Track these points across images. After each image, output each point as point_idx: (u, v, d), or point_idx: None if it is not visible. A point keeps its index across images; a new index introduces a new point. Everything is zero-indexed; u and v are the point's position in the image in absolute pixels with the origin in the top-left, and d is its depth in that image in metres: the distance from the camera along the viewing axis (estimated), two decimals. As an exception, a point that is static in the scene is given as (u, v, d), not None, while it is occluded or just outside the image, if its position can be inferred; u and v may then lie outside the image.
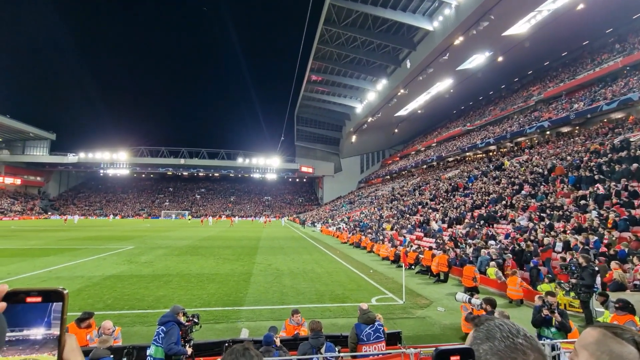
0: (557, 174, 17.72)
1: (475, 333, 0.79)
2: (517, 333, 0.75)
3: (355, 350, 4.47)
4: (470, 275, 10.09)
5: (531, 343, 0.73)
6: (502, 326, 0.76)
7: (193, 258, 15.94)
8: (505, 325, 0.77)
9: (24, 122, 62.29)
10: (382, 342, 4.51)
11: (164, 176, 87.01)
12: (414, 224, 22.59)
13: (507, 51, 33.42)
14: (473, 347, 0.75)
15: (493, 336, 0.75)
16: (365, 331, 4.48)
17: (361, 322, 4.60)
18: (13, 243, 20.85)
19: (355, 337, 4.51)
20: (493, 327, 0.77)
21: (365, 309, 4.86)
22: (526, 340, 0.73)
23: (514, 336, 0.74)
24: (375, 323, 4.60)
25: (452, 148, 43.02)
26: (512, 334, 0.75)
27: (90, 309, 7.29)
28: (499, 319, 0.81)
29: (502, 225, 15.83)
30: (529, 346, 0.72)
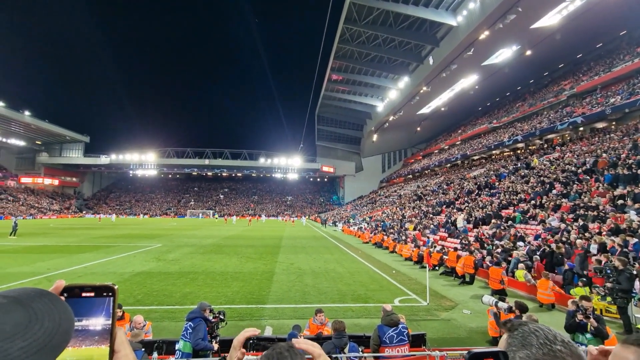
0: (600, 167, 16.83)
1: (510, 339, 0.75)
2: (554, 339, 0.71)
3: (377, 352, 4.43)
4: (497, 277, 9.76)
5: (570, 349, 0.69)
6: (538, 332, 0.73)
7: (217, 256, 16.34)
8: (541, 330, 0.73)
9: (61, 126, 66.14)
10: (406, 345, 4.43)
11: (190, 176, 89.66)
12: (438, 224, 22.13)
13: (536, 44, 32.05)
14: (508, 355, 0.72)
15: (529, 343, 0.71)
16: (388, 333, 4.43)
17: (384, 324, 4.54)
18: (52, 240, 22.13)
19: (377, 339, 4.46)
20: (528, 332, 0.73)
21: (389, 310, 4.79)
22: (565, 346, 0.69)
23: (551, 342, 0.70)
24: (399, 326, 4.52)
25: (477, 146, 41.74)
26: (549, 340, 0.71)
27: (123, 304, 7.63)
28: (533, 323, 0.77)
29: (532, 226, 15.21)
30: (569, 352, 0.68)
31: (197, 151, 77.71)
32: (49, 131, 64.58)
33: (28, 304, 0.46)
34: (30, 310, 0.45)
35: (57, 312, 0.48)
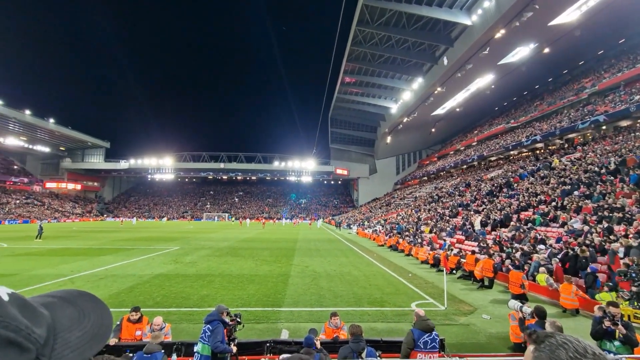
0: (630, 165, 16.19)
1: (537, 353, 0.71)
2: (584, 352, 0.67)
3: (408, 356, 4.36)
4: (517, 281, 9.49)
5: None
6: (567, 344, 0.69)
7: (233, 259, 16.52)
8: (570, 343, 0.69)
9: (83, 132, 68.59)
10: (436, 353, 4.34)
11: (205, 180, 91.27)
12: (454, 227, 21.74)
13: (554, 42, 31.20)
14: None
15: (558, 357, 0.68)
16: (423, 338, 4.35)
17: (418, 328, 4.46)
18: (75, 243, 22.88)
19: (412, 342, 4.36)
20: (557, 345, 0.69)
21: (422, 315, 4.69)
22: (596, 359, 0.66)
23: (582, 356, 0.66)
24: (434, 332, 4.45)
25: (494, 147, 40.86)
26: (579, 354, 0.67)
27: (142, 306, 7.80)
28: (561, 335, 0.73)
29: (553, 228, 14.75)
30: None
31: (213, 155, 79.10)
32: (72, 137, 67.11)
33: (75, 302, 0.54)
34: (78, 307, 0.53)
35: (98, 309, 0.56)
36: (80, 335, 0.50)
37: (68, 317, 0.51)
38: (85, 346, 0.49)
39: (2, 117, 52.92)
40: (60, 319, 0.50)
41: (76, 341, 0.49)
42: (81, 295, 0.57)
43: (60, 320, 0.49)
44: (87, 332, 0.51)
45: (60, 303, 0.52)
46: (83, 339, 0.50)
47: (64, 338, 0.48)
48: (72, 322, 0.51)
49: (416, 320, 4.67)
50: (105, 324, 0.55)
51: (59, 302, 0.53)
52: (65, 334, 0.48)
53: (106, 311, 0.57)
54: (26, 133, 61.28)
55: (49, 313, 0.49)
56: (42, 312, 0.48)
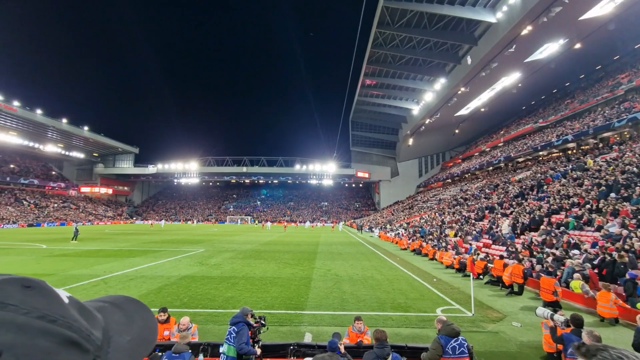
0: None
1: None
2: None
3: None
4: (549, 288, 9.06)
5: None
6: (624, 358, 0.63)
7: (256, 262, 16.75)
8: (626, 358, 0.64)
9: (114, 139, 72.04)
10: (466, 358, 4.22)
11: (229, 184, 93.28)
12: (481, 231, 21.06)
13: (586, 37, 29.77)
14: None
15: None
16: (450, 344, 4.24)
17: (444, 334, 4.36)
18: (107, 245, 23.95)
19: (440, 348, 4.23)
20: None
21: (444, 320, 4.60)
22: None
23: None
24: (460, 337, 4.33)
25: (522, 147, 39.33)
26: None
27: (170, 306, 8.06)
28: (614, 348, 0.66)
29: (588, 232, 13.99)
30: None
31: (236, 159, 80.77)
32: (104, 144, 70.68)
33: (123, 307, 0.56)
34: (126, 312, 0.56)
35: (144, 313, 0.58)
36: (130, 339, 0.52)
37: (118, 322, 0.53)
38: (135, 350, 0.52)
39: (42, 126, 56.49)
40: (112, 323, 0.51)
41: (127, 345, 0.51)
42: (128, 301, 0.59)
43: (112, 324, 0.51)
44: (136, 336, 0.53)
45: (110, 308, 0.54)
46: (133, 342, 0.52)
47: (116, 341, 0.49)
48: (122, 326, 0.53)
49: (441, 326, 4.55)
50: (151, 327, 0.57)
51: (109, 307, 0.55)
52: (117, 337, 0.50)
53: (151, 315, 0.60)
54: (63, 140, 65.11)
55: (102, 317, 0.51)
56: (96, 315, 0.50)
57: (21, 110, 51.43)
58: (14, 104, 50.14)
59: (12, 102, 50.08)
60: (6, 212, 51.80)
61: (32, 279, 0.45)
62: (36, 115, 53.96)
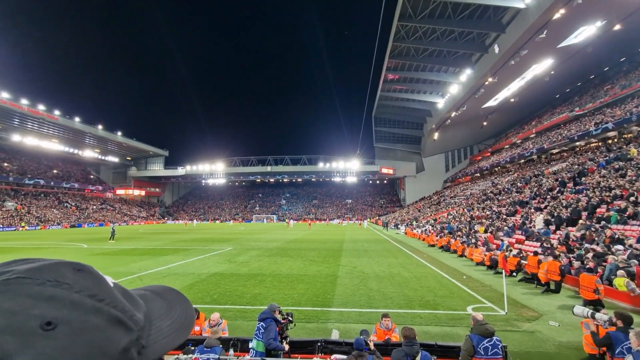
0: None
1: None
2: None
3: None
4: (590, 285, 8.55)
5: None
6: None
7: (283, 259, 16.96)
8: None
9: (145, 143, 75.31)
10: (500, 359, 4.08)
11: (254, 183, 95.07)
12: (513, 226, 20.20)
13: (627, 16, 27.66)
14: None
15: None
16: (482, 344, 4.10)
17: (476, 334, 4.23)
18: (141, 244, 25.10)
19: (472, 349, 4.11)
20: None
21: (480, 319, 4.44)
22: None
23: None
24: (494, 337, 4.17)
25: (556, 138, 37.34)
26: None
27: (201, 303, 8.32)
28: None
29: (633, 226, 13.06)
30: None
31: (260, 159, 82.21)
32: (137, 148, 74.11)
33: (163, 295, 0.61)
34: (166, 299, 0.60)
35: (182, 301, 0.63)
36: (170, 324, 0.56)
37: (159, 307, 0.57)
38: (174, 334, 0.55)
39: (80, 133, 60.04)
40: (153, 308, 0.56)
41: (167, 329, 0.55)
42: (168, 290, 0.64)
43: (153, 309, 0.56)
44: (175, 321, 0.57)
45: (151, 295, 0.59)
46: (172, 327, 0.56)
47: (157, 325, 0.54)
48: (163, 312, 0.57)
49: (474, 324, 4.41)
50: (190, 314, 0.61)
51: (150, 294, 0.59)
52: (158, 321, 0.55)
53: (189, 304, 0.64)
54: (99, 146, 68.90)
55: (143, 303, 0.56)
56: (139, 300, 0.55)
57: (62, 118, 54.87)
58: (55, 113, 53.55)
59: (54, 112, 53.50)
60: (51, 214, 55.51)
61: (82, 264, 0.49)
62: (75, 122, 57.39)
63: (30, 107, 49.81)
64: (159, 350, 0.52)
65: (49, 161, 67.85)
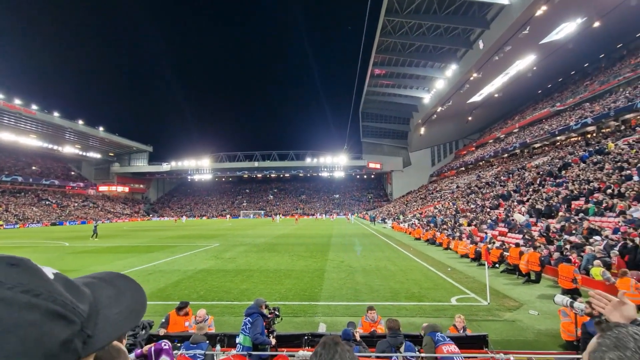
0: None
1: (602, 339, 0.70)
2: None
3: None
4: (568, 275, 8.87)
5: None
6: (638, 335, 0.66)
7: (270, 254, 16.94)
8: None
9: (128, 138, 73.53)
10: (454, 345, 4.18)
11: (241, 179, 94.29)
12: (496, 219, 20.70)
13: (605, 14, 28.42)
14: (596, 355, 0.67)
15: (624, 345, 0.65)
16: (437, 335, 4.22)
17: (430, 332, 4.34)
18: (126, 241, 24.63)
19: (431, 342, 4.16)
20: (625, 335, 0.67)
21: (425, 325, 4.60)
22: None
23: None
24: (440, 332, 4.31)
25: (538, 133, 38.27)
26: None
27: (187, 299, 8.23)
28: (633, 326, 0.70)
29: (609, 218, 13.56)
30: None
31: (247, 154, 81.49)
32: (119, 143, 72.27)
33: (112, 282, 0.61)
34: (115, 287, 0.60)
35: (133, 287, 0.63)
36: (118, 312, 0.56)
37: (107, 296, 0.57)
38: (123, 322, 0.56)
39: (60, 128, 58.08)
40: (100, 297, 0.56)
41: (115, 317, 0.55)
42: (118, 277, 0.64)
43: (101, 298, 0.56)
44: (125, 308, 0.58)
45: (99, 283, 0.59)
46: (121, 314, 0.56)
47: (104, 314, 0.54)
48: (111, 300, 0.57)
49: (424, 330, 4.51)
50: (140, 300, 0.62)
51: (98, 282, 0.59)
52: (105, 310, 0.55)
53: (140, 289, 0.64)
54: (80, 141, 66.86)
55: (90, 292, 0.55)
56: (84, 290, 0.54)
57: (40, 113, 52.97)
58: (32, 108, 51.66)
59: (31, 106, 51.59)
60: (31, 212, 53.80)
61: (17, 257, 0.47)
62: (54, 117, 55.48)
63: (6, 102, 47.92)
64: (106, 338, 0.52)
65: (27, 157, 65.53)
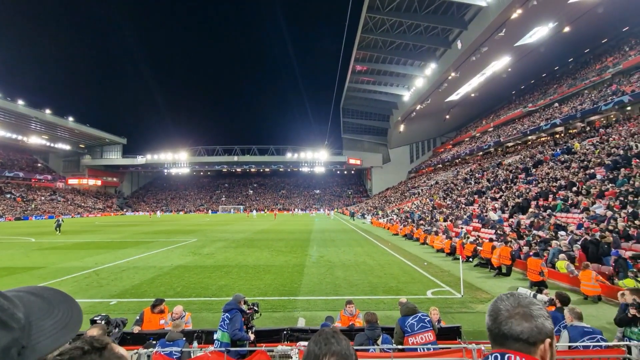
0: None
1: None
2: (518, 304, 0.95)
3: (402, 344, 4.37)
4: (536, 269, 9.33)
5: None
6: (507, 296, 1.00)
7: (249, 250, 16.80)
8: (510, 296, 1.00)
9: (101, 129, 70.40)
10: (429, 332, 4.29)
11: (220, 173, 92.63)
12: (471, 215, 21.41)
13: (575, 20, 29.74)
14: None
15: (497, 307, 0.99)
16: (408, 322, 4.36)
17: (403, 315, 4.50)
18: (98, 237, 23.71)
19: (400, 331, 4.41)
20: (499, 298, 1.02)
21: (404, 302, 4.77)
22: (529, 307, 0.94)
23: (518, 306, 0.95)
24: (419, 313, 4.45)
25: (511, 132, 39.75)
26: (515, 304, 0.95)
27: (163, 296, 8.05)
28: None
29: (574, 214, 14.32)
30: None
31: (226, 148, 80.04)
32: (90, 135, 69.08)
33: (42, 295, 0.58)
34: (46, 299, 0.57)
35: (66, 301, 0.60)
36: (53, 324, 0.53)
37: (39, 308, 0.54)
38: (58, 334, 0.53)
39: (25, 117, 54.80)
40: (32, 308, 0.53)
41: (50, 329, 0.52)
42: (46, 289, 0.60)
43: (32, 309, 0.53)
44: (58, 321, 0.55)
45: (27, 296, 0.56)
46: (56, 326, 0.53)
47: (38, 325, 0.51)
48: (43, 312, 0.54)
49: (400, 308, 4.68)
50: (75, 313, 0.58)
51: (25, 295, 0.56)
52: (39, 321, 0.52)
53: (74, 304, 0.61)
54: (47, 132, 63.39)
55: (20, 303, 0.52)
56: (15, 300, 0.52)
57: (2, 101, 49.76)
58: (-7, 95, 48.48)
59: (-8, 93, 48.40)
60: (-8, 206, 50.71)
61: None
62: (18, 106, 52.31)
63: (-36, 88, 44.72)
64: (41, 351, 0.50)
65: (-12, 148, 61.61)
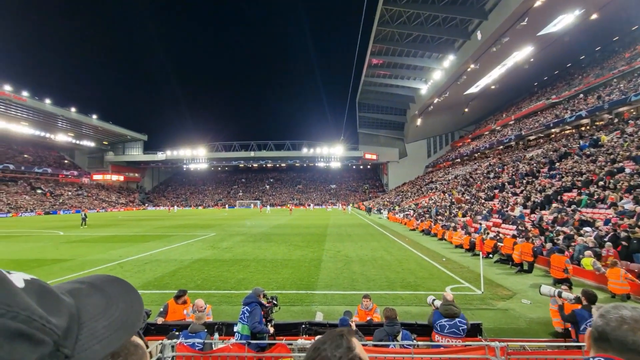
0: None
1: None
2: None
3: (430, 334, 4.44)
4: (560, 265, 9.05)
5: None
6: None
7: (267, 244, 17.02)
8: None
9: (123, 127, 72.59)
10: (458, 339, 4.28)
11: (237, 168, 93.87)
12: (491, 210, 20.92)
13: (603, 6, 28.29)
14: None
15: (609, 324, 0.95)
16: (440, 321, 4.34)
17: (440, 312, 4.45)
18: (122, 230, 24.57)
19: (430, 322, 4.53)
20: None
21: (449, 300, 4.63)
22: None
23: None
24: (456, 319, 4.36)
25: (533, 125, 38.41)
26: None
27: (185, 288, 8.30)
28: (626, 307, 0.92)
29: (601, 210, 13.77)
30: None
31: (243, 144, 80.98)
32: (113, 132, 71.38)
33: (103, 289, 0.52)
34: (106, 294, 0.51)
35: (128, 295, 0.53)
36: (107, 325, 0.47)
37: (95, 305, 0.48)
38: (112, 336, 0.46)
39: (52, 115, 57.07)
40: (86, 306, 0.47)
41: (103, 331, 0.46)
42: (111, 281, 0.55)
43: (86, 308, 0.47)
44: (114, 321, 0.48)
45: (87, 290, 0.50)
46: (110, 328, 0.47)
47: (90, 327, 0.45)
48: (99, 310, 0.48)
49: (442, 302, 4.63)
50: (135, 310, 0.52)
51: (86, 288, 0.50)
52: (91, 323, 0.46)
53: (136, 297, 0.55)
54: (73, 129, 65.86)
55: (73, 301, 0.46)
56: (64, 299, 0.45)
57: (31, 100, 51.91)
58: (23, 94, 50.62)
59: (22, 93, 50.55)
60: (23, 200, 53.27)
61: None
62: (45, 104, 54.46)
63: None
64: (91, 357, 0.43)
65: (19, 145, 64.52)
